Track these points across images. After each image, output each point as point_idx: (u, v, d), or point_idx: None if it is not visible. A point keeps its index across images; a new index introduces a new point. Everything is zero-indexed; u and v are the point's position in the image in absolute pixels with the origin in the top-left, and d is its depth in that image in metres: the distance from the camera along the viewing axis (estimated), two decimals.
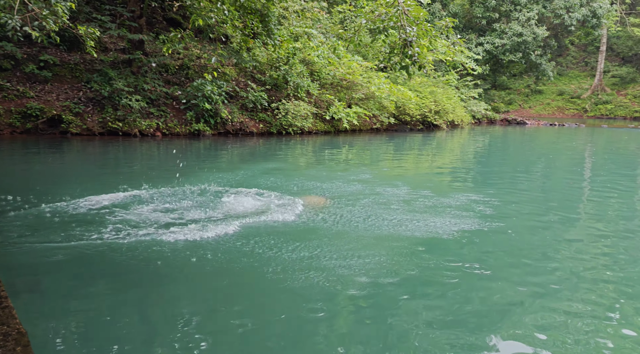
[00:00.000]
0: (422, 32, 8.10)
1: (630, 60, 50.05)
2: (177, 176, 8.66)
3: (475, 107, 30.35)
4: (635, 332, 3.46)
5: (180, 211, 6.21)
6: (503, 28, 33.80)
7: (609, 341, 3.33)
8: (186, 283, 4.19)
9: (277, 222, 5.85)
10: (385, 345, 3.23)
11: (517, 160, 14.27)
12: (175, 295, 3.96)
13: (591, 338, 3.37)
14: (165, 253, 4.68)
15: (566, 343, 3.29)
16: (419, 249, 5.14)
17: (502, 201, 7.64)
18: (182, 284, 4.16)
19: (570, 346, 3.26)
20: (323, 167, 11.01)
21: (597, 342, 3.31)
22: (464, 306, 3.82)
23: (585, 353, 3.18)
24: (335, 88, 20.50)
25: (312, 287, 4.05)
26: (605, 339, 3.35)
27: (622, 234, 6.00)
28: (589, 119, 42.04)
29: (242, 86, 17.90)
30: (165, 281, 4.16)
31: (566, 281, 4.37)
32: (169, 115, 16.04)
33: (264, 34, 14.19)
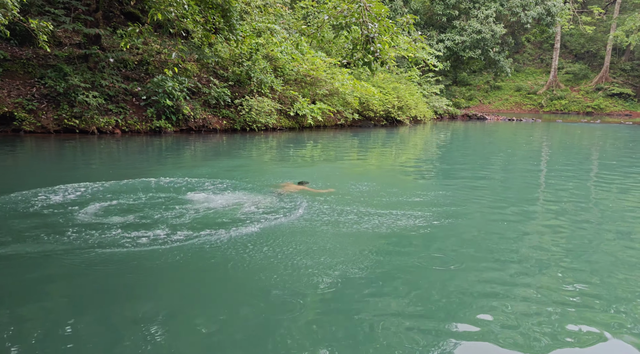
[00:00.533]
0: (383, 28, 8.19)
1: (582, 57, 52.20)
2: (139, 174, 8.46)
3: (437, 103, 30.96)
4: (594, 319, 3.63)
5: (142, 209, 6.07)
6: (463, 25, 34.56)
7: (567, 326, 3.48)
8: (149, 284, 4.10)
9: (242, 219, 5.80)
10: (354, 339, 3.27)
11: (478, 154, 14.65)
12: (137, 296, 3.87)
13: (550, 324, 3.51)
14: (128, 254, 4.56)
15: (527, 330, 3.41)
16: (383, 243, 5.21)
17: (464, 194, 7.83)
18: (145, 285, 4.07)
19: (531, 333, 3.39)
20: (288, 164, 10.99)
21: (556, 328, 3.45)
22: (429, 297, 3.90)
23: (546, 338, 3.32)
24: (299, 84, 20.46)
25: (276, 284, 4.05)
26: (564, 324, 3.50)
27: (577, 224, 6.26)
28: (544, 114, 43.62)
29: (204, 82, 17.62)
30: (127, 283, 4.06)
31: (526, 270, 4.53)
32: (129, 112, 15.62)
33: (226, 29, 14.01)
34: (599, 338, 3.35)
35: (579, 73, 49.35)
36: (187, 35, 18.16)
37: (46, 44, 10.31)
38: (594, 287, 4.17)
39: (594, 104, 44.92)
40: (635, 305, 3.84)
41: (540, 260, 4.83)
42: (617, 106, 44.68)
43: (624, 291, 4.11)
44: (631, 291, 4.10)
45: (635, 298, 3.96)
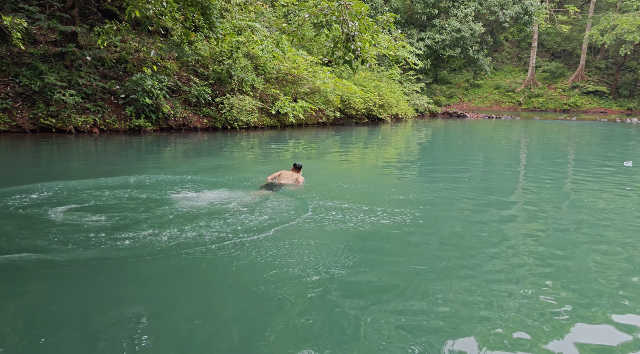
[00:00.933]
0: (364, 26, 8.22)
1: (559, 56, 53.19)
2: (118, 173, 8.32)
3: (418, 101, 31.20)
4: (575, 314, 3.70)
5: (121, 210, 5.98)
6: (442, 24, 34.87)
7: (550, 320, 3.54)
8: (129, 285, 4.04)
9: (224, 218, 5.76)
10: (339, 336, 3.27)
11: (458, 152, 14.81)
12: (118, 295, 3.81)
13: (532, 318, 3.57)
14: (110, 253, 4.49)
15: (507, 324, 3.47)
16: (366, 241, 5.23)
17: (445, 191, 7.91)
18: (127, 284, 4.01)
19: (510, 325, 3.44)
20: (270, 162, 10.95)
21: (538, 323, 3.51)
22: (411, 294, 3.93)
23: (526, 332, 3.37)
24: (280, 82, 20.39)
25: (260, 282, 4.03)
26: (546, 319, 3.56)
27: (555, 219, 6.37)
28: (523, 112, 44.33)
29: (184, 80, 17.42)
30: (108, 282, 3.99)
31: (505, 265, 4.60)
32: (107, 111, 15.36)
33: (206, 27, 13.87)
34: (577, 333, 3.43)
35: (556, 71, 50.28)
36: (167, 33, 17.94)
37: (20, 42, 10.08)
38: (572, 282, 4.26)
39: (571, 102, 45.81)
40: (610, 297, 3.93)
41: (519, 255, 4.91)
42: (593, 104, 45.65)
43: (599, 285, 4.21)
44: (605, 283, 4.20)
45: (610, 290, 4.06)
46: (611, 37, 40.29)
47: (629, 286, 4.18)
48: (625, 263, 4.74)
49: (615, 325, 3.51)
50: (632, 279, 4.34)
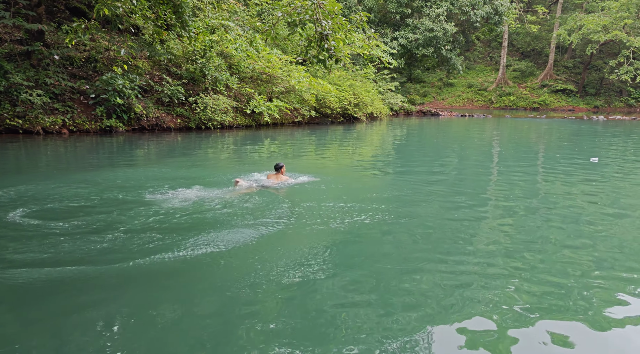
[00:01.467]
0: (337, 25, 8.22)
1: (528, 55, 54.44)
2: (88, 175, 8.13)
3: (392, 100, 31.44)
4: (551, 310, 3.79)
5: (89, 212, 5.84)
6: (416, 23, 35.23)
7: (526, 314, 3.61)
8: (104, 286, 3.94)
9: (199, 218, 5.69)
10: (316, 332, 3.27)
11: (433, 149, 14.99)
12: (89, 299, 3.71)
13: (507, 312, 3.63)
14: (80, 255, 4.38)
15: (482, 318, 3.53)
16: (342, 239, 5.24)
17: (420, 188, 7.99)
18: (100, 288, 3.91)
19: (486, 320, 3.50)
20: (246, 162, 10.86)
21: (513, 315, 3.58)
22: (387, 290, 3.95)
23: (502, 326, 3.43)
24: (255, 81, 20.27)
25: (237, 280, 3.99)
26: (522, 312, 3.63)
27: (525, 215, 6.52)
28: (495, 110, 45.19)
29: (156, 80, 17.14)
30: (78, 285, 3.89)
31: (479, 260, 4.68)
32: (77, 111, 14.98)
33: (178, 26, 13.67)
34: (545, 325, 3.51)
35: (526, 70, 51.44)
36: (138, 32, 17.60)
37: None
38: (541, 275, 4.36)
39: (540, 100, 46.94)
40: (582, 286, 4.05)
41: (492, 250, 5.00)
42: (561, 102, 46.89)
43: (567, 277, 4.33)
44: (576, 273, 4.31)
45: (578, 277, 4.18)
46: (578, 37, 41.43)
47: (597, 279, 4.31)
48: (593, 256, 4.88)
49: (582, 317, 3.61)
50: (599, 272, 4.47)
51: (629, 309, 3.72)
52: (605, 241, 5.34)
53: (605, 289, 4.08)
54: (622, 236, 5.58)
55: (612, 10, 40.62)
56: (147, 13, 11.52)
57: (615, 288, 4.10)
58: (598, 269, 4.51)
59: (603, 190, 8.21)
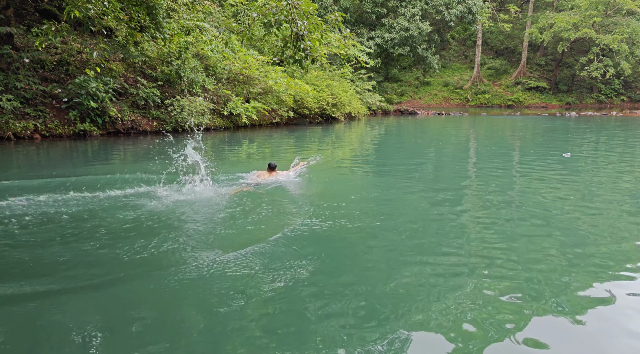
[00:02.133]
0: (312, 26, 8.23)
1: (502, 53, 55.42)
2: (62, 181, 7.95)
3: (370, 99, 31.62)
4: (529, 308, 3.86)
5: (67, 220, 5.72)
6: (391, 23, 35.51)
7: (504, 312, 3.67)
8: (82, 290, 3.87)
9: (181, 220, 5.62)
10: (299, 335, 3.27)
11: (411, 148, 15.13)
12: (66, 309, 3.64)
13: (486, 311, 3.69)
14: (62, 257, 4.28)
15: (465, 318, 3.57)
16: (323, 240, 5.25)
17: (399, 188, 8.06)
18: (77, 292, 3.84)
19: (469, 321, 3.55)
20: (224, 163, 10.78)
21: (493, 315, 3.64)
22: (369, 291, 3.98)
23: (482, 326, 3.49)
24: (232, 83, 20.14)
25: (219, 284, 3.96)
26: (499, 310, 3.70)
27: (502, 211, 6.63)
28: (470, 108, 45.88)
29: (131, 82, 16.87)
30: (54, 289, 3.81)
31: (460, 259, 4.74)
32: (49, 115, 14.64)
33: (152, 27, 13.48)
34: (519, 321, 3.58)
35: (500, 68, 52.36)
36: (111, 34, 17.31)
37: None
38: (516, 270, 4.45)
39: (514, 97, 47.83)
40: (552, 280, 4.14)
41: (470, 246, 5.08)
42: (535, 99, 47.87)
43: (542, 272, 4.42)
44: (551, 269, 4.42)
45: (555, 273, 4.28)
46: (549, 35, 42.35)
47: (571, 273, 4.41)
48: (568, 249, 5.00)
49: (553, 310, 3.69)
50: (574, 264, 4.58)
51: (604, 300, 3.83)
52: (578, 232, 5.48)
53: (581, 278, 4.19)
54: (593, 228, 5.73)
55: (581, 8, 41.67)
56: (119, 15, 11.33)
57: (592, 278, 4.21)
58: (574, 260, 4.62)
59: (575, 184, 8.41)
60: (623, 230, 5.69)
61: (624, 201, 7.22)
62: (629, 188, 8.23)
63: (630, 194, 7.73)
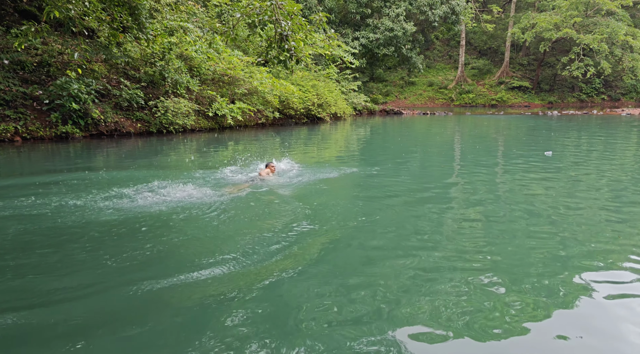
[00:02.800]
0: (296, 26, 8.24)
1: (485, 53, 56.03)
2: (43, 184, 7.83)
3: (355, 99, 31.71)
4: (516, 306, 3.90)
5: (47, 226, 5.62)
6: (376, 23, 35.68)
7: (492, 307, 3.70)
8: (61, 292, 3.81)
9: (167, 219, 5.57)
10: (283, 330, 3.25)
11: (396, 147, 15.19)
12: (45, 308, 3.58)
13: (472, 307, 3.72)
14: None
15: (450, 315, 3.60)
16: (309, 237, 5.24)
17: (385, 185, 8.09)
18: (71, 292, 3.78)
19: (453, 316, 3.57)
20: (210, 165, 10.71)
21: (479, 311, 3.67)
22: (353, 289, 3.98)
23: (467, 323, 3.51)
24: (216, 84, 20.02)
25: (203, 279, 3.93)
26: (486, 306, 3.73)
27: (488, 210, 6.70)
28: (455, 107, 46.30)
29: (114, 84, 16.67)
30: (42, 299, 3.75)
31: (441, 255, 4.78)
32: (30, 118, 14.39)
33: (135, 28, 13.35)
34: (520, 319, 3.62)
35: (483, 68, 52.94)
36: (93, 34, 17.08)
37: None
38: (501, 268, 4.50)
39: (498, 97, 48.40)
40: (542, 276, 4.19)
41: (454, 244, 5.12)
42: (518, 98, 48.50)
43: (529, 267, 4.48)
44: (535, 265, 4.47)
45: (539, 269, 4.33)
46: (531, 35, 42.94)
47: (555, 273, 4.48)
48: (551, 247, 5.07)
49: (536, 307, 3.74)
50: (557, 264, 4.64)
51: (585, 291, 3.89)
52: (560, 226, 5.56)
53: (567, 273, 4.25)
54: (573, 224, 5.82)
55: (562, 9, 42.33)
56: (101, 15, 11.20)
57: (574, 272, 4.28)
58: (557, 260, 4.68)
59: (557, 182, 8.53)
60: (602, 225, 5.78)
61: (604, 197, 7.35)
62: (608, 184, 8.38)
63: (610, 190, 7.88)
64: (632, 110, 37.52)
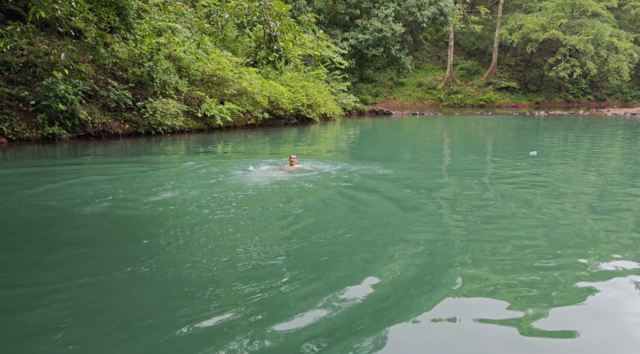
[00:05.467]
0: (285, 27, 8.24)
1: (473, 54, 56.46)
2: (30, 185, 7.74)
3: (345, 100, 31.78)
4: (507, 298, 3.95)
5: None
6: (365, 24, 35.78)
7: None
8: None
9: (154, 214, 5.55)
10: (272, 317, 3.27)
11: (386, 148, 15.26)
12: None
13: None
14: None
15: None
16: (298, 233, 5.26)
17: (374, 184, 8.13)
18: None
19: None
20: (199, 166, 10.67)
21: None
22: (339, 280, 4.00)
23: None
24: (205, 84, 19.95)
25: (189, 273, 3.93)
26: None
27: (472, 208, 6.76)
28: (444, 108, 46.57)
29: (101, 84, 16.54)
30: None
31: (427, 251, 4.82)
32: (15, 119, 14.22)
33: (123, 28, 13.24)
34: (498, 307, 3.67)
35: (472, 69, 53.33)
36: (80, 35, 16.94)
37: None
38: (487, 263, 4.55)
39: (486, 97, 48.77)
40: (522, 268, 4.25)
41: (445, 239, 5.17)
42: (505, 98, 48.91)
43: (514, 258, 4.54)
44: (517, 257, 4.53)
45: (522, 261, 4.39)
46: (518, 36, 43.33)
47: (539, 269, 4.54)
48: (538, 242, 5.13)
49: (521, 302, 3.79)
50: (543, 258, 4.71)
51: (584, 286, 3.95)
52: (544, 221, 5.64)
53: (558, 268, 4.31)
54: (559, 222, 5.90)
55: (548, 10, 42.77)
56: (88, 15, 11.10)
57: (560, 266, 4.34)
58: (542, 253, 4.75)
59: (541, 180, 8.64)
60: (588, 223, 5.87)
61: (589, 193, 7.46)
62: (593, 181, 8.51)
63: (594, 187, 7.99)
64: (617, 110, 38.06)
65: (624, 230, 5.73)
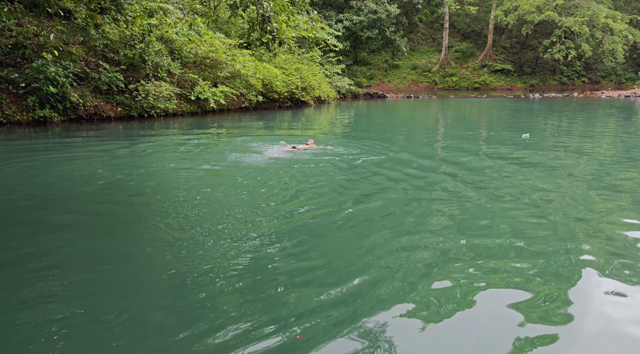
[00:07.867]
0: (279, 7, 8.10)
1: (468, 36, 56.07)
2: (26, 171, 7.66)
3: (339, 83, 31.57)
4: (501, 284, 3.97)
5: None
6: (359, 5, 35.38)
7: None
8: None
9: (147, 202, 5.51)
10: (269, 305, 3.27)
11: (381, 131, 15.21)
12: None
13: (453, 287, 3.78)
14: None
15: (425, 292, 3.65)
16: (296, 221, 5.25)
17: (369, 168, 8.12)
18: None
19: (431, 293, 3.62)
20: (190, 150, 10.60)
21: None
22: (340, 267, 4.01)
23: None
24: (198, 67, 19.71)
25: (187, 258, 3.92)
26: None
27: (466, 190, 6.78)
28: (439, 91, 46.42)
29: (92, 66, 16.29)
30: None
31: (428, 235, 4.84)
32: (5, 102, 14.02)
33: (113, 9, 12.97)
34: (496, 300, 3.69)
35: (467, 51, 53.01)
36: (69, 16, 16.61)
37: None
38: (481, 247, 4.57)
39: (481, 80, 48.61)
40: (517, 258, 4.28)
41: (438, 223, 5.18)
42: (500, 81, 48.78)
43: (508, 248, 4.56)
44: (508, 245, 4.56)
45: (516, 249, 4.42)
46: (514, 18, 43.01)
47: (536, 255, 4.57)
48: (532, 225, 5.16)
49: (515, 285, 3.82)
50: (542, 243, 4.74)
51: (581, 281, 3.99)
52: (534, 204, 5.67)
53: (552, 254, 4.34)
54: (550, 202, 5.93)
55: None
56: None
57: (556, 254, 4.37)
58: (541, 238, 4.78)
59: (532, 164, 8.67)
60: (581, 206, 5.91)
61: (583, 178, 7.49)
62: (586, 164, 8.54)
63: (590, 172, 8.03)
64: (611, 93, 38.09)
65: (620, 210, 5.76)
